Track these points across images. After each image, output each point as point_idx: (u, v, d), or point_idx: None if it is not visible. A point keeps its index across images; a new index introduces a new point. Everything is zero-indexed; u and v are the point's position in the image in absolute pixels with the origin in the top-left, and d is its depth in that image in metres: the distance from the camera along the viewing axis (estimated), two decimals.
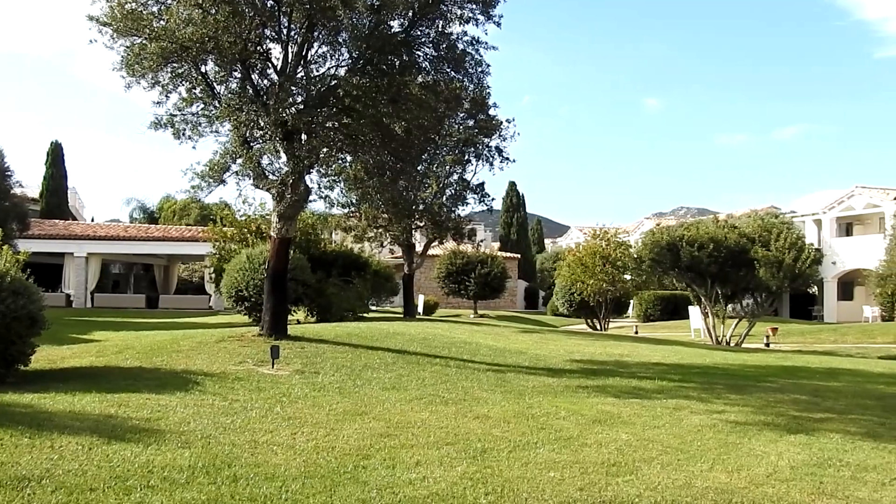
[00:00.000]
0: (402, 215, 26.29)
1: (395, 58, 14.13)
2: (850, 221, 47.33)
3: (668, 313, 44.13)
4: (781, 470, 6.77)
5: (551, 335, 21.94)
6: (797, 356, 19.88)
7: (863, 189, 44.49)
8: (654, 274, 30.54)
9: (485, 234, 62.15)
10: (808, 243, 28.13)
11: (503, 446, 7.33)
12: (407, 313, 28.39)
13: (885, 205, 42.43)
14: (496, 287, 42.94)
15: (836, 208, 45.62)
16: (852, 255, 43.13)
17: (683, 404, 9.99)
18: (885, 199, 42.77)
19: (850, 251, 43.69)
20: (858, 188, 44.63)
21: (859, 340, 30.32)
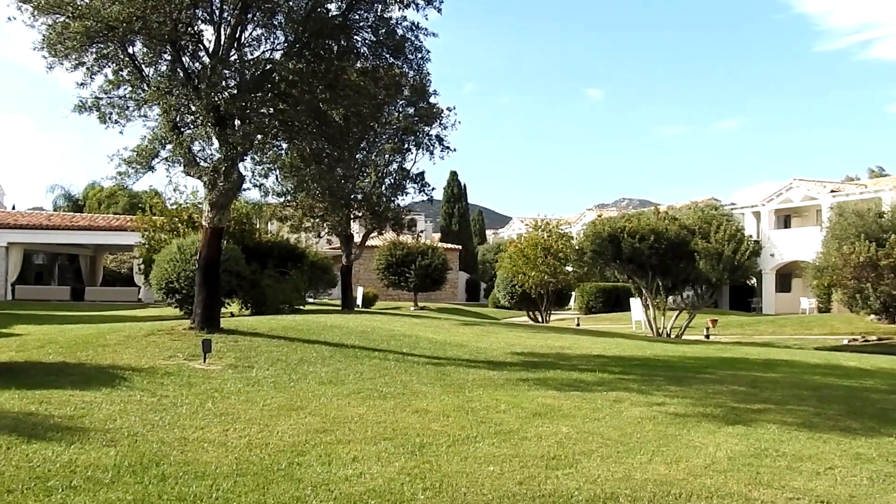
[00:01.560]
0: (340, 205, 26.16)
1: (332, 42, 14.01)
2: (789, 214, 48.59)
3: (609, 305, 44.75)
4: (719, 461, 6.91)
5: (492, 328, 22.05)
6: (736, 348, 20.34)
7: (801, 182, 45.68)
8: (595, 266, 30.91)
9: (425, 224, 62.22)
10: (747, 235, 28.76)
11: (442, 441, 7.33)
12: (345, 306, 28.27)
13: (821, 197, 43.62)
14: (437, 279, 42.99)
15: (775, 201, 46.76)
16: (790, 248, 44.28)
17: (624, 396, 10.12)
18: (822, 192, 43.98)
19: (788, 243, 44.84)
20: (796, 181, 45.80)
21: (797, 332, 31.19)
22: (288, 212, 28.90)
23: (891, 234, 26.77)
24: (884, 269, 25.66)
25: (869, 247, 26.22)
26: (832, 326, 31.72)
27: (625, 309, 36.45)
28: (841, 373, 13.94)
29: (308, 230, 29.40)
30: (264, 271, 24.85)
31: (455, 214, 63.05)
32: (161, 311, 24.73)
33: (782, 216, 48.62)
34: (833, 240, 29.94)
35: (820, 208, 43.24)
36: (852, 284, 27.12)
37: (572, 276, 35.91)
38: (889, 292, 25.91)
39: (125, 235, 35.46)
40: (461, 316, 33.59)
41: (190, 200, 27.04)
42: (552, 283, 34.53)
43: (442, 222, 64.66)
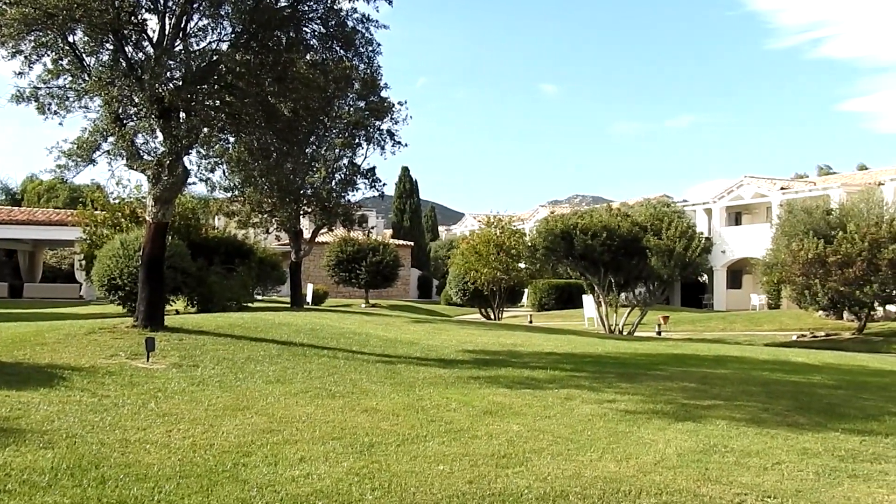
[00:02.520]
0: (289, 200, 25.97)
1: (281, 33, 13.86)
2: (739, 211, 49.46)
3: (562, 302, 45.13)
4: (669, 457, 7.00)
5: (444, 325, 22.06)
6: (687, 344, 20.64)
7: (751, 179, 46.52)
8: (548, 262, 31.14)
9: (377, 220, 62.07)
10: (698, 232, 29.22)
11: (391, 440, 7.32)
12: (294, 303, 28.07)
13: (772, 194, 44.47)
14: (388, 275, 42.93)
15: (726, 198, 47.54)
16: (741, 244, 45.06)
17: (575, 394, 10.21)
18: (773, 189, 44.84)
19: (738, 240, 45.64)
20: (747, 178, 46.64)
21: (747, 328, 31.80)
22: (235, 207, 28.59)
23: (838, 231, 27.39)
24: (831, 265, 26.24)
25: (817, 244, 26.79)
26: (782, 323, 32.39)
27: (578, 306, 36.77)
28: (789, 368, 14.23)
29: (256, 226, 29.12)
30: (211, 268, 24.54)
31: (407, 210, 63.02)
32: (103, 309, 24.29)
33: (733, 213, 49.48)
34: (783, 237, 30.55)
35: (770, 205, 44.09)
36: (801, 281, 27.68)
37: (525, 273, 36.10)
38: (836, 289, 26.48)
39: (66, 230, 34.74)
40: (413, 313, 33.57)
41: (133, 195, 26.58)
42: (505, 280, 34.67)
43: (394, 218, 64.57)
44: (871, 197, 31.16)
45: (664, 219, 28.55)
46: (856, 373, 14.20)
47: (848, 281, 26.03)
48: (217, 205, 29.10)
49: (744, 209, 49.24)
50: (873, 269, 25.76)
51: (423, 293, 59.77)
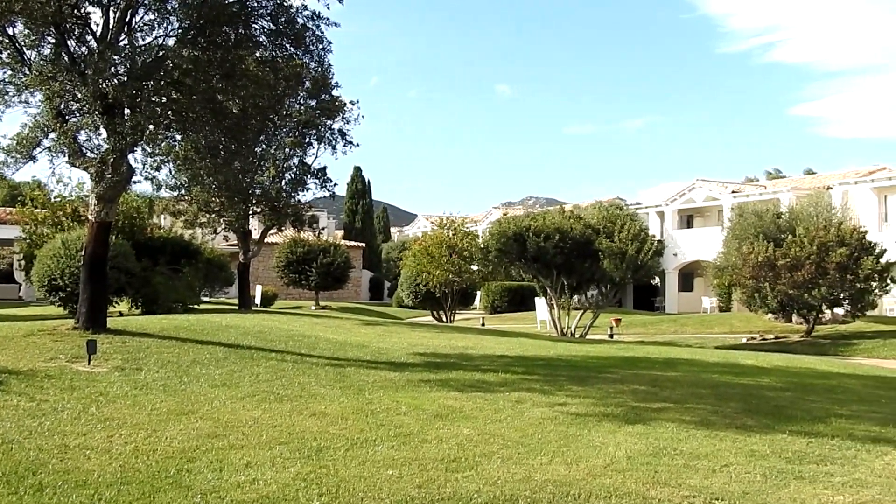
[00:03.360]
0: (237, 200, 25.73)
1: (229, 29, 13.71)
2: (691, 214, 50.22)
3: (515, 304, 45.35)
4: (619, 460, 7.08)
5: (395, 327, 22.06)
6: (638, 347, 20.90)
7: (703, 182, 47.26)
8: (500, 264, 31.26)
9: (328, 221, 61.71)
10: (650, 235, 29.58)
11: (340, 444, 7.30)
12: (242, 305, 27.83)
13: (723, 198, 45.21)
14: (339, 277, 42.77)
15: (678, 201, 48.23)
16: (692, 247, 45.74)
17: (526, 397, 10.26)
18: (724, 193, 45.60)
19: (690, 243, 46.32)
20: (699, 181, 47.37)
21: (698, 331, 32.28)
22: (182, 206, 28.27)
23: (788, 235, 27.94)
24: (781, 268, 26.75)
25: (767, 247, 27.30)
26: (732, 325, 32.94)
27: (530, 308, 37.00)
28: (738, 371, 14.48)
29: (203, 226, 28.83)
30: (156, 268, 24.22)
31: (359, 211, 62.80)
32: (43, 310, 23.83)
33: (685, 216, 50.21)
34: (733, 240, 31.09)
35: (721, 209, 44.81)
36: (751, 284, 28.17)
37: (478, 275, 36.20)
38: (786, 292, 27.00)
39: (4, 229, 34.02)
40: (364, 315, 33.48)
41: (75, 193, 26.14)
42: (457, 283, 34.73)
43: (345, 219, 64.29)
44: (820, 201, 31.86)
45: (617, 221, 28.84)
46: (803, 375, 14.51)
47: (797, 284, 26.55)
48: (163, 204, 28.74)
49: (696, 212, 49.98)
50: (821, 273, 26.31)
51: (375, 295, 59.60)
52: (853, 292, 27.04)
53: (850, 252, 26.41)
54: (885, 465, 7.39)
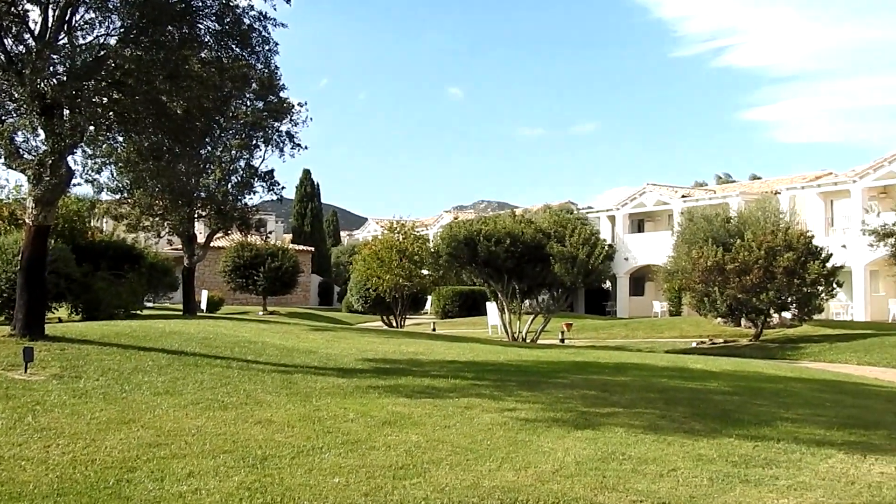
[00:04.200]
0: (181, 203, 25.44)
1: (173, 29, 13.57)
2: (642, 218, 50.87)
3: (466, 309, 45.51)
4: (567, 466, 7.15)
5: (344, 333, 21.97)
6: (589, 351, 21.08)
7: (654, 186, 47.92)
8: (451, 269, 31.35)
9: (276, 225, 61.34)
10: (601, 239, 29.89)
11: (286, 452, 7.25)
12: (187, 310, 27.52)
13: (673, 202, 45.88)
14: (287, 282, 42.49)
15: (629, 205, 48.83)
16: (643, 252, 46.32)
17: (475, 403, 10.30)
18: (674, 197, 46.27)
19: (641, 247, 46.91)
20: (650, 186, 48.01)
21: (648, 335, 32.67)
22: (124, 209, 27.86)
23: (737, 240, 28.41)
24: (730, 273, 27.19)
25: (716, 251, 27.73)
26: (682, 329, 33.40)
27: (482, 313, 37.14)
28: (687, 375, 14.69)
29: (147, 229, 28.44)
30: (97, 273, 23.82)
31: (308, 215, 62.49)
32: None
33: (636, 220, 50.85)
34: (683, 244, 31.51)
35: (672, 213, 45.45)
36: (700, 288, 28.58)
37: (428, 280, 36.23)
38: (734, 296, 27.45)
39: None
40: (313, 321, 33.30)
41: (12, 196, 25.62)
42: (407, 287, 34.71)
43: (294, 223, 63.97)
44: (768, 205, 32.44)
45: (567, 226, 29.10)
46: (751, 379, 14.76)
47: (745, 288, 27.00)
48: (104, 207, 28.29)
49: (646, 216, 50.65)
50: (769, 277, 26.79)
51: (324, 300, 59.34)
52: (800, 296, 27.57)
53: (798, 256, 26.93)
54: (829, 467, 7.56)
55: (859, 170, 39.08)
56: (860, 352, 23.78)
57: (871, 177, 37.99)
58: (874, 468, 7.62)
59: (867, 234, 26.30)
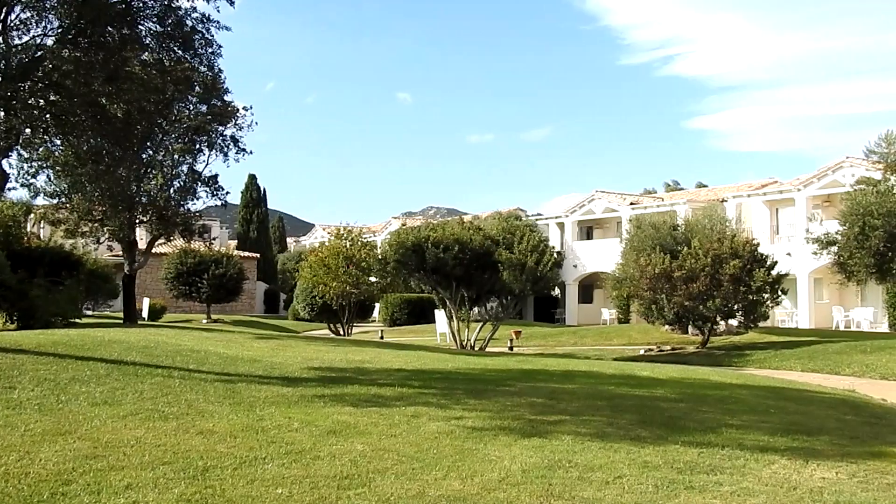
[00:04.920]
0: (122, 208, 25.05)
1: (113, 30, 13.40)
2: (591, 225, 51.39)
3: (415, 317, 45.49)
4: (514, 474, 7.19)
5: (290, 341, 21.81)
6: (538, 359, 21.21)
7: (602, 193, 48.42)
8: (399, 276, 31.31)
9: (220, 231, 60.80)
10: (550, 246, 30.10)
11: (228, 463, 7.18)
12: (128, 318, 27.08)
13: (622, 209, 46.41)
14: (232, 289, 42.11)
15: (578, 212, 49.26)
16: (592, 259, 46.75)
17: (422, 411, 10.30)
18: (622, 204, 46.81)
19: (590, 254, 47.34)
20: (598, 193, 48.50)
21: (597, 342, 32.97)
22: (62, 215, 27.33)
23: (684, 247, 28.85)
24: (677, 280, 27.58)
25: (663, 259, 28.11)
26: (630, 337, 33.77)
27: (430, 321, 37.15)
28: (635, 382, 14.86)
29: (85, 235, 27.93)
30: (34, 280, 23.34)
31: (253, 221, 61.95)
32: None
33: (585, 227, 51.34)
34: (631, 251, 31.90)
35: (620, 220, 45.98)
36: (648, 295, 28.94)
37: (376, 287, 36.14)
38: (682, 303, 27.83)
39: None
40: (258, 329, 33.01)
41: None
42: (355, 294, 34.58)
43: (239, 229, 63.35)
44: (714, 213, 33.01)
45: (516, 233, 29.26)
46: (697, 386, 14.98)
47: (692, 296, 27.41)
48: (41, 212, 27.76)
49: (595, 224, 51.17)
50: (716, 284, 27.23)
51: (270, 308, 58.85)
52: (746, 304, 28.06)
53: (744, 264, 27.42)
54: (772, 473, 7.71)
55: (804, 178, 39.97)
56: (804, 359, 24.26)
57: (815, 185, 38.87)
58: (816, 473, 7.80)
59: (811, 242, 26.88)
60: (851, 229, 23.71)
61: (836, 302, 39.24)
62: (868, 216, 23.11)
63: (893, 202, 23.21)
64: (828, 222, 29.60)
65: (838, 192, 34.70)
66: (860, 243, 23.33)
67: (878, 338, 28.69)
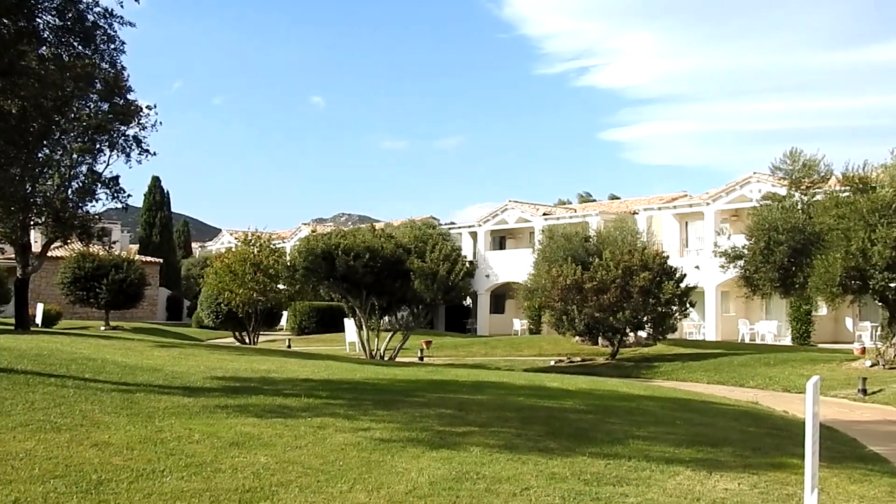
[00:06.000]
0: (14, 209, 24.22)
1: (9, 22, 12.97)
2: (504, 235, 51.94)
3: (324, 325, 45.20)
4: (421, 486, 7.21)
5: (193, 349, 21.45)
6: (448, 369, 21.32)
7: (516, 203, 48.99)
8: (308, 284, 31.09)
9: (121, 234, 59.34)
10: (462, 255, 30.32)
11: (124, 476, 7.01)
12: (20, 325, 26.18)
13: (534, 220, 47.02)
14: (133, 295, 41.04)
15: (491, 221, 49.71)
16: (504, 269, 47.21)
17: (329, 422, 10.24)
18: (535, 215, 47.43)
19: (502, 264, 47.81)
20: (512, 203, 49.06)
21: (508, 353, 33.28)
22: None
23: (595, 258, 29.37)
24: (588, 291, 28.05)
25: (575, 270, 28.56)
26: (541, 348, 34.18)
27: (340, 329, 36.93)
28: (544, 394, 15.07)
29: None
30: None
31: (157, 224, 60.75)
32: None
33: (498, 237, 51.85)
34: (543, 262, 32.30)
35: (533, 230, 46.58)
36: (559, 306, 29.34)
37: (284, 295, 35.82)
38: (592, 314, 28.30)
39: None
40: (159, 337, 32.32)
41: None
42: (262, 302, 34.20)
43: (141, 232, 62.04)
44: (626, 225, 33.72)
45: (428, 241, 29.41)
46: (606, 397, 15.28)
47: (603, 307, 27.92)
48: None
49: (508, 233, 51.73)
50: (626, 296, 27.80)
51: (173, 315, 57.71)
52: (655, 316, 28.71)
53: (653, 276, 28.06)
54: (676, 484, 7.92)
55: (713, 192, 41.21)
56: (710, 371, 24.96)
57: (723, 200, 40.10)
58: (719, 484, 8.05)
59: (718, 255, 27.68)
60: (757, 244, 24.49)
61: (742, 315, 40.52)
62: (773, 231, 23.91)
63: (797, 218, 24.07)
64: (735, 236, 30.53)
65: (746, 207, 35.84)
66: (765, 258, 24.11)
67: (781, 351, 29.76)
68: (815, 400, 6.11)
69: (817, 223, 23.15)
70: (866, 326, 35.60)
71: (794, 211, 24.49)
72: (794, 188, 25.17)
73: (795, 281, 23.76)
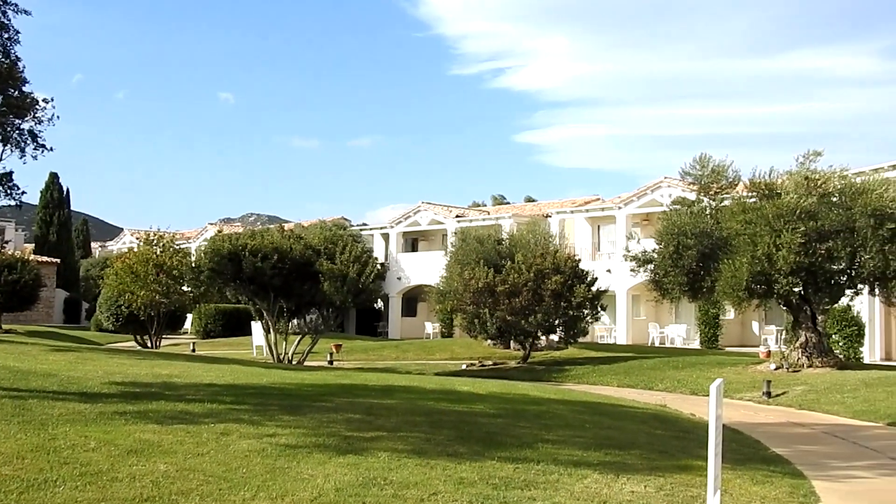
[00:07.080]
0: None
1: None
2: (416, 237, 52.06)
3: (230, 329, 44.63)
4: (327, 493, 7.17)
5: (91, 354, 20.90)
6: (357, 374, 21.24)
7: (428, 205, 49.17)
8: (214, 286, 30.60)
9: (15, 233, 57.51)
10: (373, 257, 30.25)
11: (13, 487, 6.79)
12: None
13: (447, 222, 47.26)
14: (27, 297, 39.81)
15: (403, 223, 49.78)
16: (417, 271, 47.33)
17: (233, 428, 10.10)
18: (448, 217, 47.68)
19: (414, 267, 47.91)
20: (424, 204, 49.22)
21: (419, 357, 33.37)
22: None
23: (507, 261, 29.65)
24: (500, 295, 28.31)
25: (487, 273, 28.78)
26: (453, 351, 34.37)
27: (246, 333, 36.51)
28: (455, 398, 15.14)
29: None
30: None
31: (54, 223, 59.04)
32: None
33: (410, 239, 51.95)
34: (456, 265, 32.46)
35: (446, 233, 46.80)
36: (471, 310, 29.54)
37: (189, 297, 35.20)
38: (504, 318, 28.58)
39: None
40: (55, 340, 31.42)
41: None
42: (165, 304, 33.53)
43: (37, 231, 60.15)
44: (538, 228, 34.13)
45: (339, 242, 29.24)
46: (516, 401, 15.44)
47: (515, 310, 28.20)
48: None
49: (421, 235, 51.86)
50: (538, 299, 28.14)
51: (71, 317, 56.20)
52: (567, 319, 29.14)
53: (565, 280, 28.47)
54: (584, 487, 8.06)
55: (624, 197, 42.07)
56: (620, 374, 25.46)
57: (634, 204, 40.98)
58: (626, 487, 8.22)
59: (629, 259, 28.22)
60: (667, 248, 25.05)
61: (652, 319, 41.47)
62: (682, 236, 24.49)
63: (706, 223, 24.72)
64: (645, 240, 31.19)
65: (656, 212, 36.70)
66: (674, 262, 24.67)
67: (689, 354, 30.57)
68: (719, 402, 6.30)
69: (725, 228, 23.81)
70: (772, 330, 36.87)
71: (702, 216, 25.13)
72: (702, 193, 25.82)
73: (703, 285, 24.38)
